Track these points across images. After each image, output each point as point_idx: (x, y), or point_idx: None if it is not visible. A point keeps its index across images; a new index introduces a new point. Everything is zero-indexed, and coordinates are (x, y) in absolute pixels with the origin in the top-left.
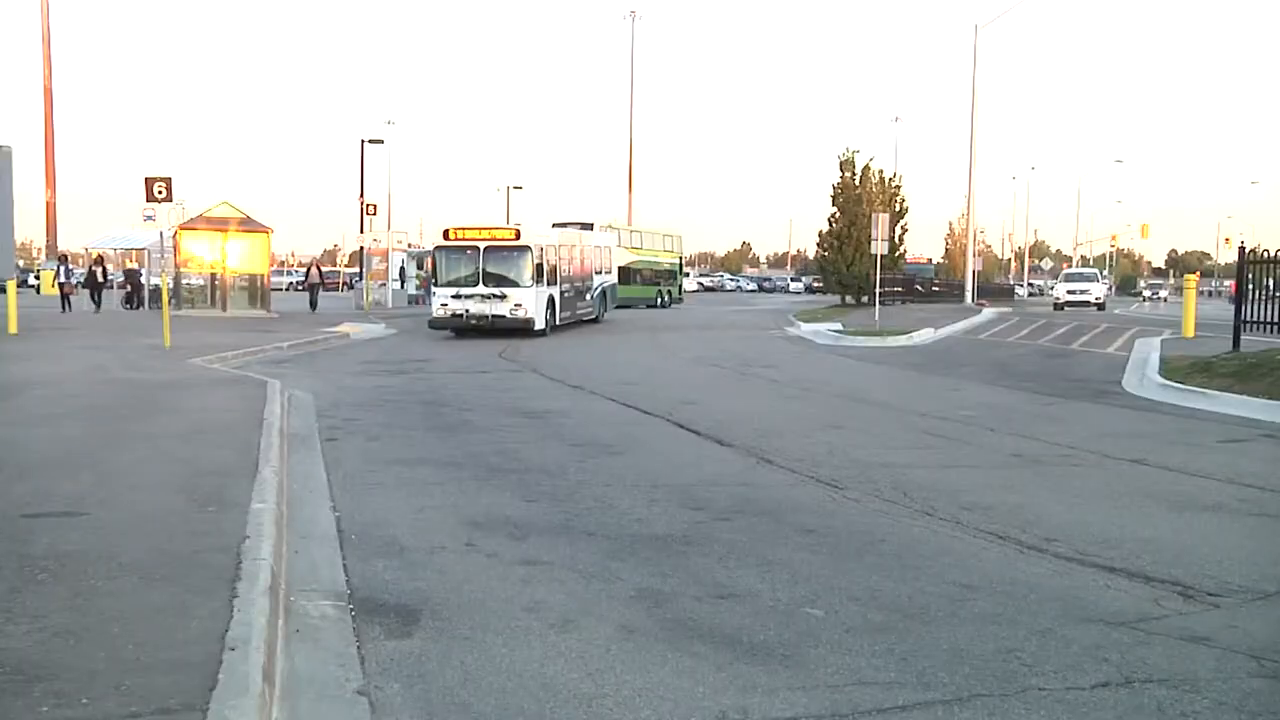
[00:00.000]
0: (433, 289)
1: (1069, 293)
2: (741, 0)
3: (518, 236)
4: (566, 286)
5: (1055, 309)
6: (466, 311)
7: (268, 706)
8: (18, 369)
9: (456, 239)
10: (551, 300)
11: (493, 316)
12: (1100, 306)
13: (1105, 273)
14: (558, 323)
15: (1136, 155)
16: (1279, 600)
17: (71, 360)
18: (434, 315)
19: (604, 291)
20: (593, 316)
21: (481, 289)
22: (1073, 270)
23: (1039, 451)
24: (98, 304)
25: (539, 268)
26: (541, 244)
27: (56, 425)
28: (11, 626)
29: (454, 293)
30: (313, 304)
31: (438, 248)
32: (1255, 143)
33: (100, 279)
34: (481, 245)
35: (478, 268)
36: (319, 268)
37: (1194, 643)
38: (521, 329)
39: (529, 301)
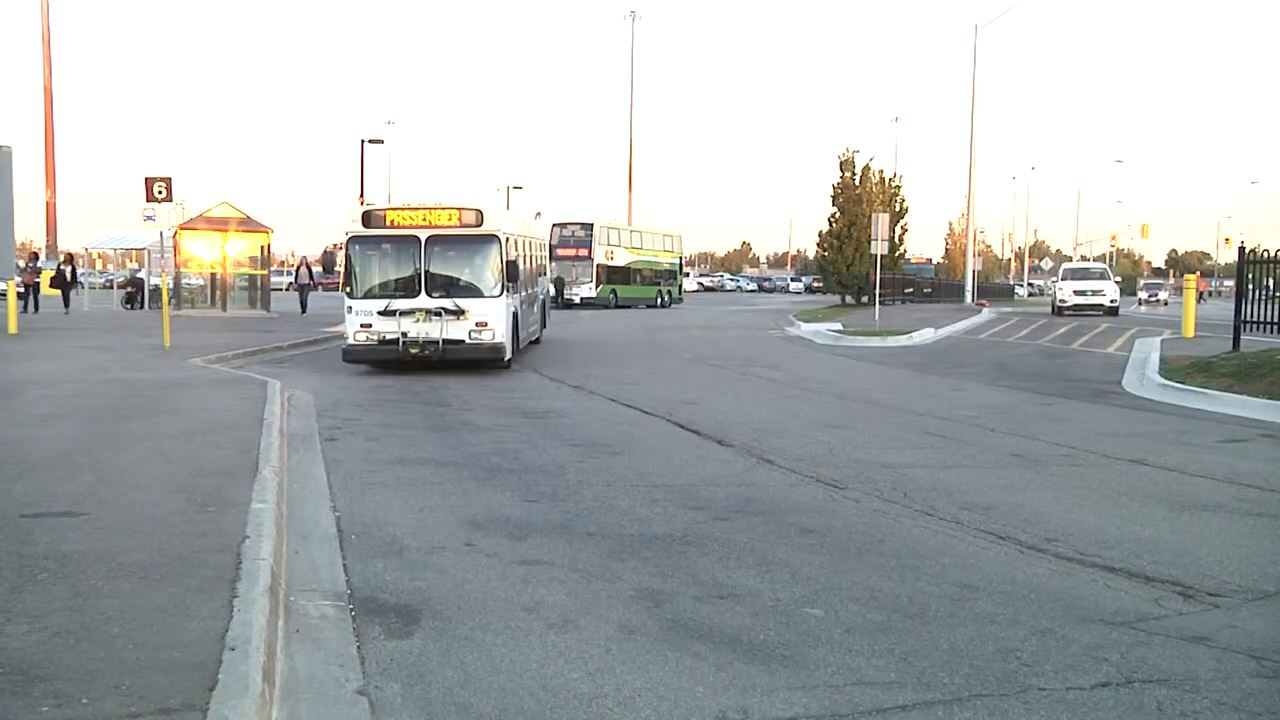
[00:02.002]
0: (346, 301)
1: (1076, 294)
2: (741, 0)
3: (480, 221)
4: (523, 295)
5: (1056, 313)
6: (403, 335)
7: (268, 706)
8: (18, 369)
9: (384, 225)
10: (516, 316)
11: (444, 342)
12: (1113, 311)
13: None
14: (519, 347)
15: (1136, 155)
16: (1279, 600)
17: (71, 360)
18: (349, 342)
19: (544, 302)
20: (536, 337)
21: (425, 301)
22: (1076, 266)
23: (1039, 451)
24: (67, 304)
25: (510, 267)
26: (508, 232)
27: (57, 425)
28: (11, 626)
29: (381, 307)
30: (303, 306)
31: (354, 239)
32: (1255, 143)
33: (70, 278)
34: (423, 235)
35: (418, 268)
36: (309, 266)
37: (1194, 643)
38: (487, 360)
39: (497, 318)
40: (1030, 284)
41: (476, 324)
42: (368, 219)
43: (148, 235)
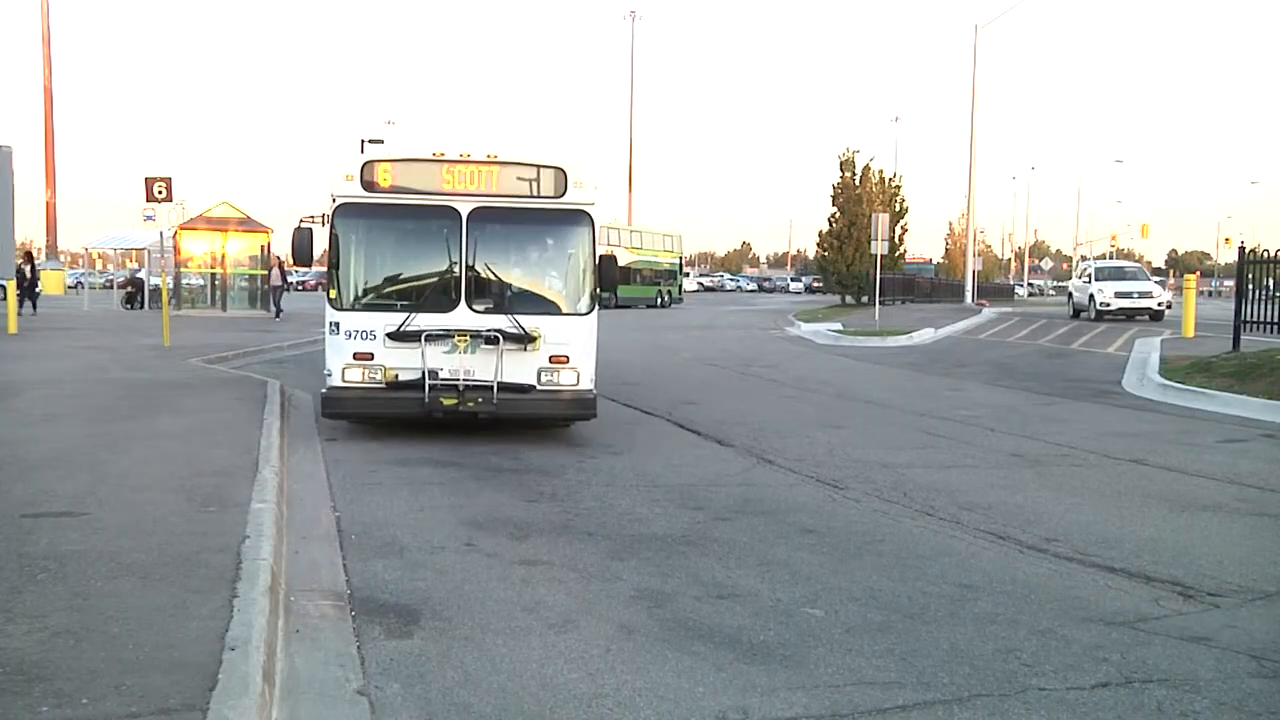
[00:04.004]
0: (329, 314)
1: (1120, 295)
2: (742, 1)
3: (563, 186)
4: None
5: (1095, 317)
6: (430, 376)
7: (268, 706)
8: (18, 368)
9: (398, 187)
10: None
11: (500, 389)
12: (1159, 315)
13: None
14: None
15: (1136, 155)
16: (1279, 600)
17: (72, 360)
18: (335, 383)
19: None
20: None
21: (466, 317)
22: (1110, 264)
23: (1039, 451)
24: (34, 306)
25: (604, 266)
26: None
27: (57, 425)
28: (11, 626)
29: (392, 325)
30: (276, 309)
31: (345, 208)
32: (1255, 143)
33: (28, 276)
34: (465, 206)
35: (455, 262)
36: (281, 267)
37: (1194, 643)
38: (570, 418)
39: (583, 350)
40: (1030, 284)
41: (552, 358)
42: (370, 176)
43: (148, 235)
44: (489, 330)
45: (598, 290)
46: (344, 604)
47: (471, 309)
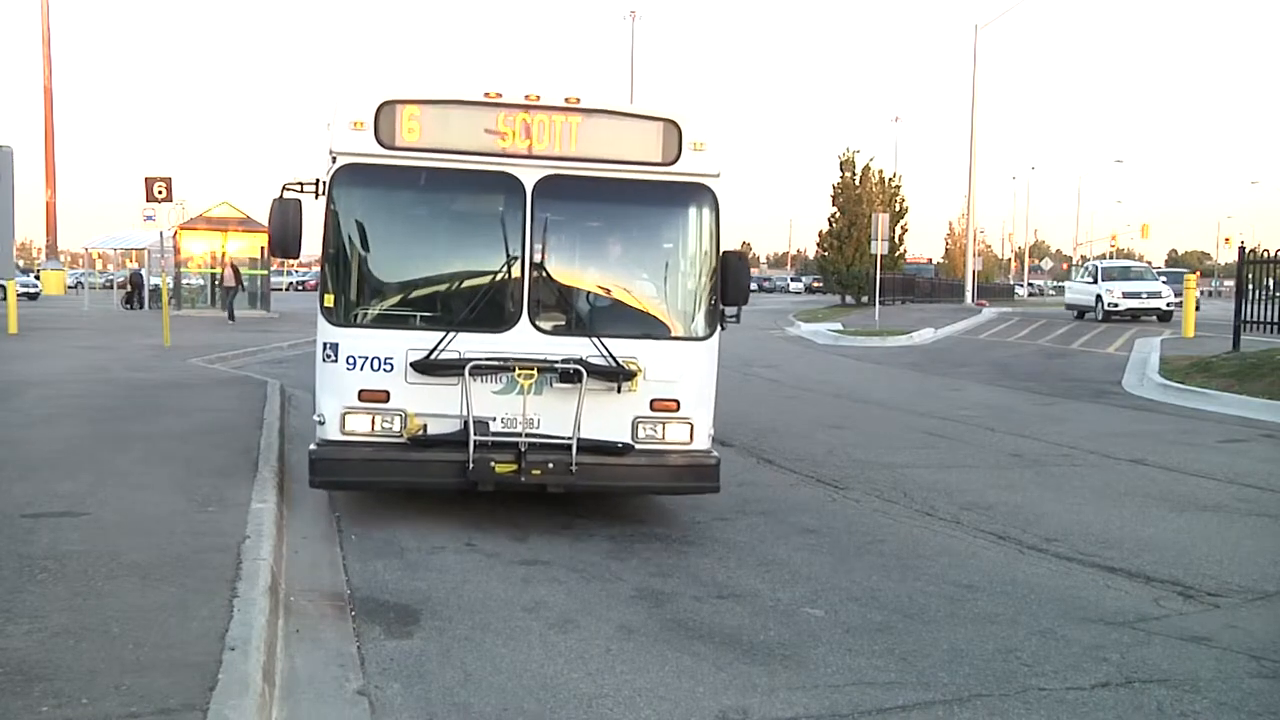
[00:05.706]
0: (324, 330)
1: (1128, 295)
2: (742, 1)
3: (675, 149)
4: None
5: (1082, 318)
6: (478, 427)
7: (268, 706)
8: (18, 368)
9: (430, 141)
10: None
11: (581, 448)
12: (1167, 316)
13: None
14: None
15: (1136, 155)
16: (1279, 600)
17: (72, 360)
18: (331, 436)
19: None
20: None
21: (530, 338)
22: (1116, 264)
23: (1039, 451)
24: None
25: (732, 265)
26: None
27: (57, 425)
28: (11, 626)
29: (421, 352)
30: (230, 313)
31: (349, 171)
32: (1255, 143)
33: None
34: (530, 175)
35: (514, 258)
36: (235, 267)
37: (1194, 643)
38: (677, 490)
39: (696, 389)
40: (1030, 284)
41: (655, 403)
42: (389, 126)
43: (148, 235)
44: (564, 361)
45: (719, 304)
46: (344, 604)
47: (537, 327)
